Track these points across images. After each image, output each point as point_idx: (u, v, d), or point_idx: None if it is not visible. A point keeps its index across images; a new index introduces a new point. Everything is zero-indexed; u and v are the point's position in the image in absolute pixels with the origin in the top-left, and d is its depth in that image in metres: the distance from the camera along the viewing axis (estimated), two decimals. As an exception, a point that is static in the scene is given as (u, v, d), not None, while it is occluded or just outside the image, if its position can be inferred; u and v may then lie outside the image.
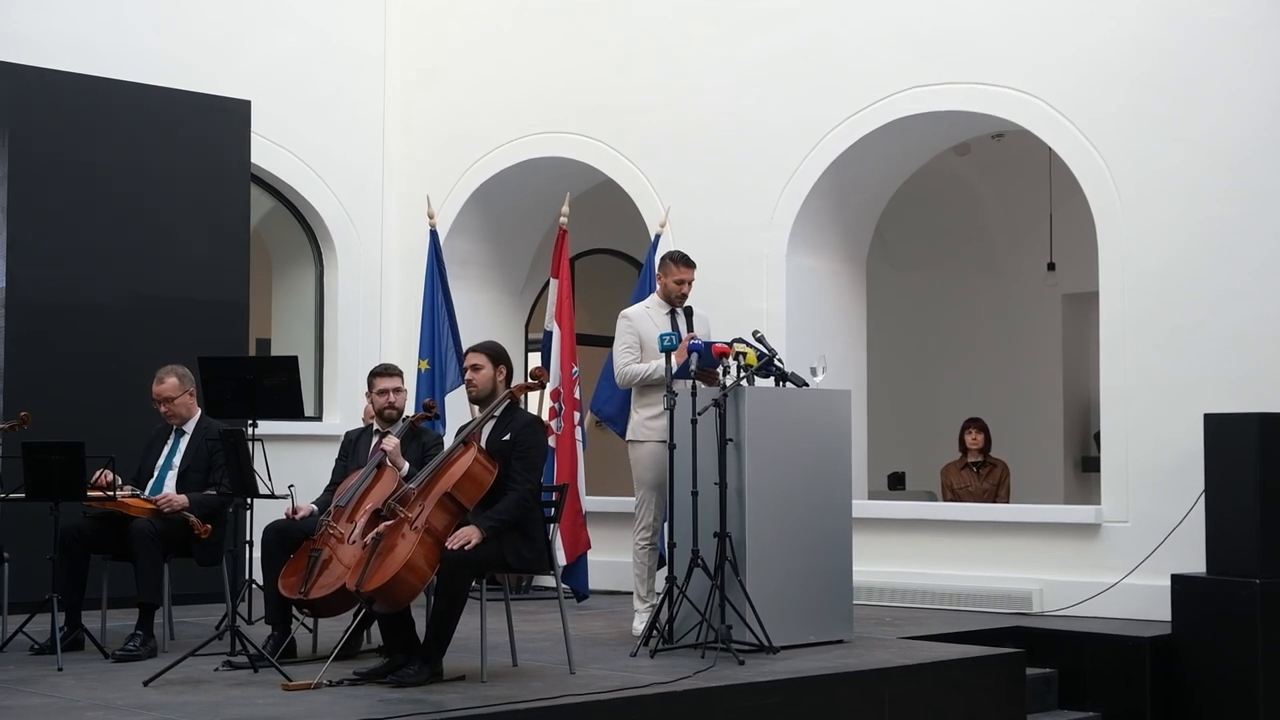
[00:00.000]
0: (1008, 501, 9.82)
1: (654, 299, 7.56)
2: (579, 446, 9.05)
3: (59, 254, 8.63)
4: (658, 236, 9.30)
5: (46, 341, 8.51)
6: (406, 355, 9.76)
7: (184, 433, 7.16)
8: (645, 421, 7.37)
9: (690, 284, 7.45)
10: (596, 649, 6.90)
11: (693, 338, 7.10)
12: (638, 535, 7.46)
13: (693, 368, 6.80)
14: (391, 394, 7.03)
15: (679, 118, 9.74)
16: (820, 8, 9.23)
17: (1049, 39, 8.41)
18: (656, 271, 7.74)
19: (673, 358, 6.90)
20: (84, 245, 8.72)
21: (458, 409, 8.88)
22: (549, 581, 8.28)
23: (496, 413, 6.18)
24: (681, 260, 7.47)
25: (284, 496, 6.74)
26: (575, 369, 9.14)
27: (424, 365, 9.50)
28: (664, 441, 7.14)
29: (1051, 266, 11.57)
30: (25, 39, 9.10)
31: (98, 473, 6.70)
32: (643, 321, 7.41)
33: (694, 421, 6.65)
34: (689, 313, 7.43)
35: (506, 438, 6.07)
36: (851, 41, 9.08)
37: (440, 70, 10.95)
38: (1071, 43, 8.33)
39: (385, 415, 7.02)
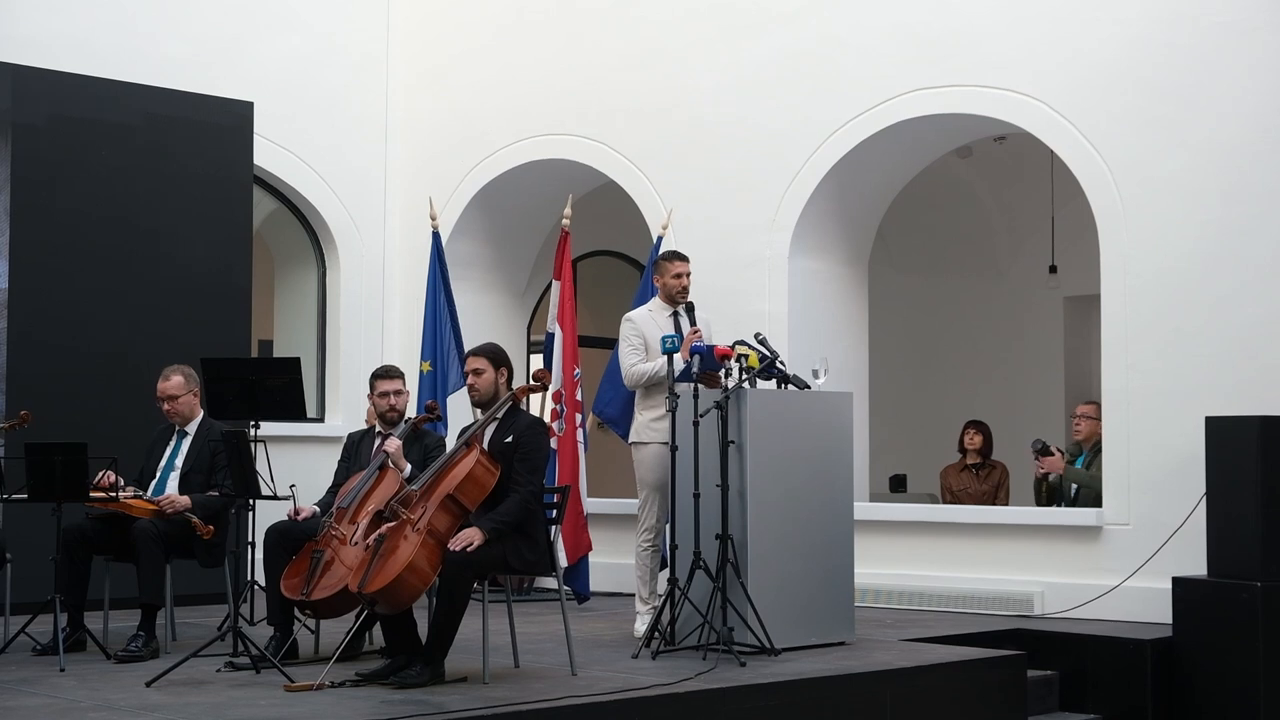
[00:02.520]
0: (1006, 504, 9.82)
1: (656, 302, 7.57)
2: (581, 448, 9.06)
3: (61, 254, 8.63)
4: (660, 238, 9.31)
5: (49, 342, 8.51)
6: (408, 357, 9.77)
7: (186, 434, 7.16)
8: (649, 423, 7.37)
9: (688, 275, 7.46)
10: (598, 650, 6.90)
11: (695, 334, 7.11)
12: (640, 537, 7.46)
13: (695, 370, 6.81)
14: (392, 396, 7.03)
15: (681, 120, 9.75)
16: (823, 10, 9.23)
17: (1051, 42, 8.41)
18: (654, 276, 7.75)
19: (675, 360, 6.90)
20: (86, 246, 8.73)
21: (460, 411, 8.89)
22: (551, 583, 8.29)
23: (499, 415, 6.19)
24: (673, 256, 7.51)
25: (286, 498, 6.75)
26: (577, 371, 9.15)
27: (426, 367, 9.50)
28: (667, 443, 7.16)
29: (1053, 269, 11.58)
30: (30, 40, 9.11)
31: (100, 474, 6.71)
32: (646, 324, 7.42)
33: (696, 423, 6.65)
34: (690, 308, 7.44)
35: (509, 440, 6.08)
36: (854, 44, 9.09)
37: (443, 72, 10.96)
38: (1074, 46, 8.34)
39: (386, 417, 7.03)
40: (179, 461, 7.09)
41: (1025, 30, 8.51)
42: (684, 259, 7.49)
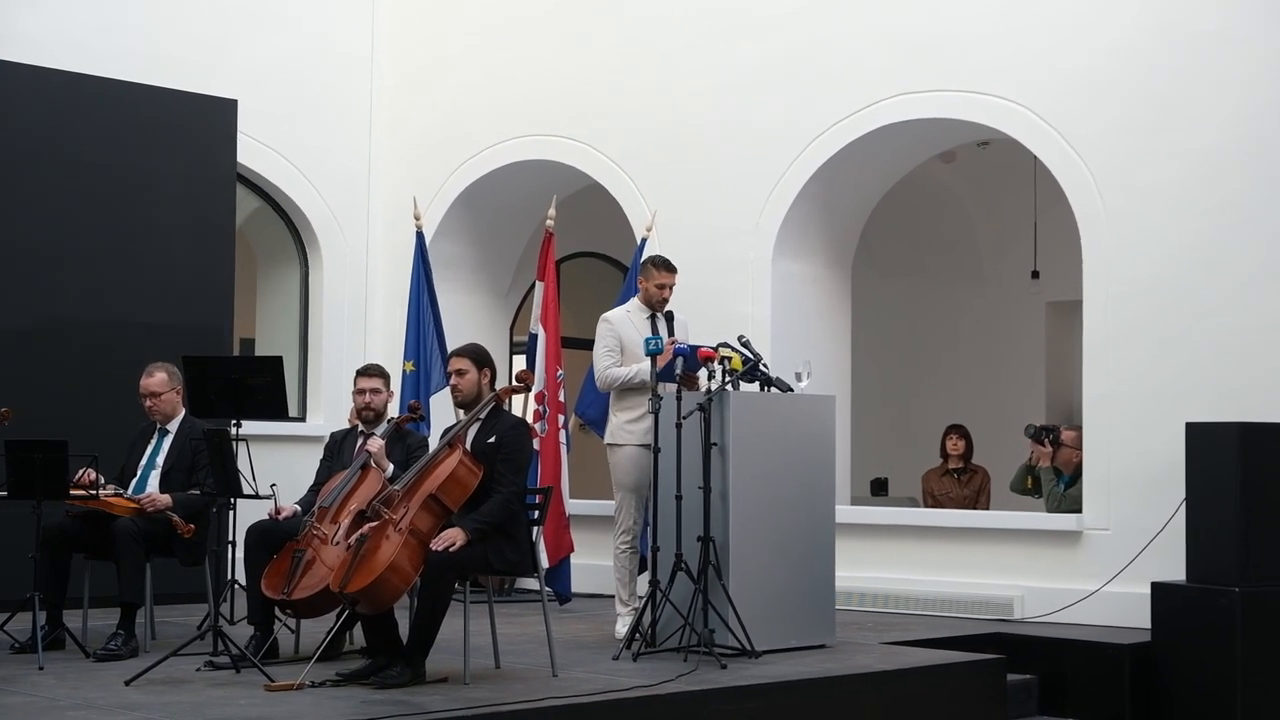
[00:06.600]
0: (988, 508, 9.85)
1: (635, 303, 7.57)
2: (563, 449, 9.05)
3: (43, 251, 8.59)
4: (644, 240, 9.31)
5: (30, 339, 8.48)
6: (392, 357, 9.74)
7: (168, 432, 7.14)
8: (625, 425, 7.37)
9: (671, 289, 7.45)
10: (579, 652, 6.91)
11: (675, 342, 7.11)
12: (618, 539, 7.46)
13: (678, 371, 6.81)
14: (369, 395, 7.02)
15: (666, 122, 9.76)
16: (808, 14, 9.25)
17: (1036, 48, 8.44)
18: (638, 276, 7.75)
19: (657, 361, 6.90)
20: (68, 243, 8.69)
21: (442, 411, 8.87)
22: (532, 584, 8.28)
23: (481, 415, 6.18)
24: (663, 265, 7.48)
25: (267, 497, 6.73)
26: (560, 372, 9.15)
27: (409, 367, 9.49)
28: (643, 445, 7.16)
29: (1035, 274, 11.61)
30: (13, 36, 9.08)
31: (80, 471, 6.67)
32: (624, 325, 7.42)
33: (679, 425, 6.66)
34: (669, 317, 7.44)
35: (491, 440, 6.07)
36: (838, 48, 9.10)
37: (428, 72, 10.95)
38: (1059, 52, 8.37)
39: (362, 416, 7.03)
40: (160, 460, 7.06)
41: (1010, 36, 8.53)
42: (672, 270, 7.45)
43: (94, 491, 6.69)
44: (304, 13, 10.71)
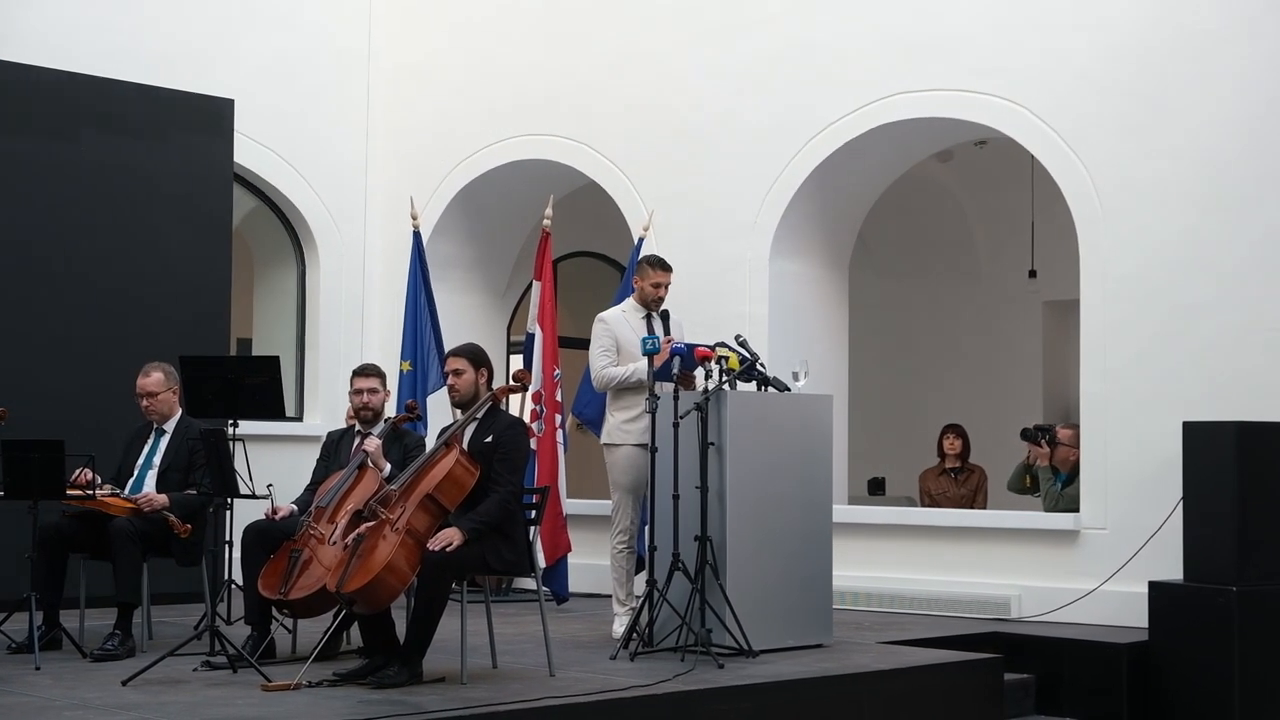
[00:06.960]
0: (985, 507, 9.85)
1: (630, 303, 7.57)
2: (560, 449, 9.05)
3: (39, 251, 8.59)
4: (641, 240, 9.31)
5: (27, 339, 8.47)
6: (389, 356, 9.76)
7: (164, 432, 7.14)
8: (621, 425, 7.37)
9: (666, 288, 7.46)
10: (576, 651, 6.91)
11: (671, 341, 7.11)
12: (615, 539, 7.46)
13: (675, 371, 6.81)
14: (366, 394, 7.02)
15: (663, 121, 9.76)
16: (805, 13, 9.25)
17: (1033, 47, 8.44)
18: (633, 275, 7.75)
19: (654, 361, 6.90)
20: (65, 243, 8.68)
21: (440, 411, 8.88)
22: (529, 584, 8.29)
23: (478, 415, 6.18)
24: (658, 264, 7.49)
25: (264, 497, 6.73)
26: (557, 372, 9.15)
27: (406, 367, 9.49)
28: (640, 444, 7.16)
29: (1033, 273, 11.62)
30: (12, 36, 9.07)
31: (77, 471, 6.67)
32: (619, 325, 7.42)
33: (676, 425, 6.65)
34: (665, 317, 7.44)
35: (488, 440, 6.07)
36: (835, 47, 9.11)
37: (425, 71, 10.95)
38: (1055, 51, 8.37)
39: (360, 415, 7.03)
40: (157, 459, 7.06)
41: (1007, 35, 8.54)
42: (667, 269, 7.47)
43: (91, 491, 6.69)
44: (301, 12, 10.70)
